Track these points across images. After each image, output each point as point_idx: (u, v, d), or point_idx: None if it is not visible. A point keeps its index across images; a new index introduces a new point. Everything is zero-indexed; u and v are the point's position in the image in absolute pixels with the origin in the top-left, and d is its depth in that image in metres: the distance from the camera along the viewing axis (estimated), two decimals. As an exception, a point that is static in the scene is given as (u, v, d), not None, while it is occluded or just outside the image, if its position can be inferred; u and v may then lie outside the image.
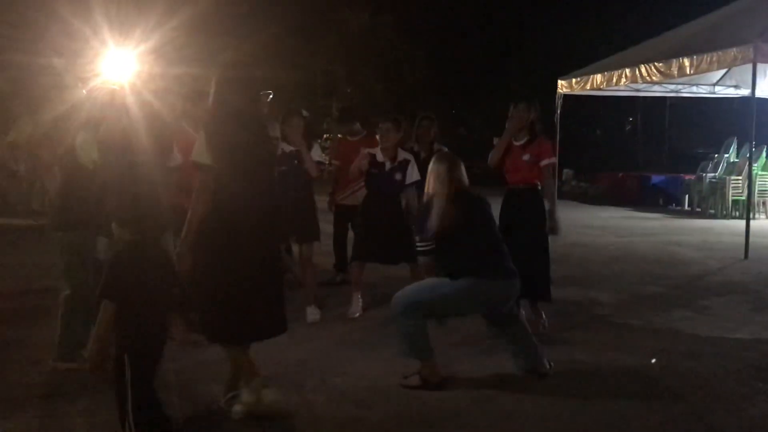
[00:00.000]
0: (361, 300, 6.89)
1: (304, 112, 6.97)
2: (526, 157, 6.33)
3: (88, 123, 5.31)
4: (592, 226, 14.84)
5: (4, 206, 13.62)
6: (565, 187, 22.47)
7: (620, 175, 21.97)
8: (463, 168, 5.06)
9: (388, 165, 6.74)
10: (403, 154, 6.82)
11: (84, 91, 5.86)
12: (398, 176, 6.72)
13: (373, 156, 6.76)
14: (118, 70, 13.10)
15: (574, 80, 16.20)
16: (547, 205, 6.44)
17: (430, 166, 5.11)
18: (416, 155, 7.07)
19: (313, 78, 30.07)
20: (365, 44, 30.02)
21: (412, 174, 6.71)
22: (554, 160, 6.43)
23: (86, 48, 14.80)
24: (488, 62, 30.15)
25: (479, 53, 30.23)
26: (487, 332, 5.55)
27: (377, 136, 6.90)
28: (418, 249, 5.01)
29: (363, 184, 7.05)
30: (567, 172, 24.07)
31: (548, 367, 5.13)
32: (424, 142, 7.40)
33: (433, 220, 4.88)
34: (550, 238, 6.51)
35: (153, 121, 5.46)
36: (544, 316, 6.41)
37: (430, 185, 5.05)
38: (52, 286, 6.73)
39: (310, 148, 6.70)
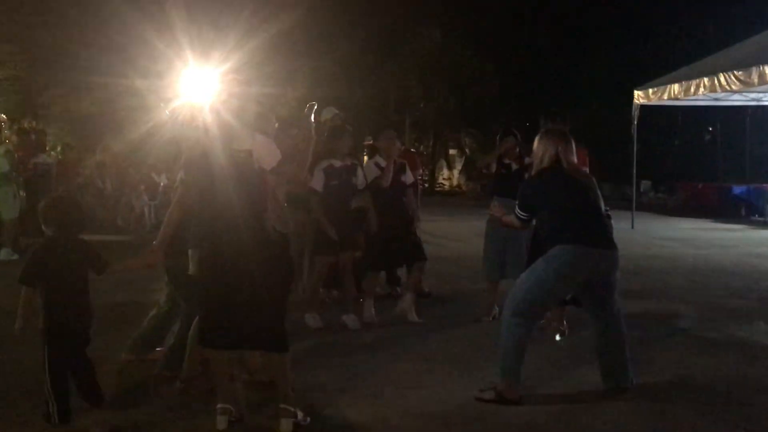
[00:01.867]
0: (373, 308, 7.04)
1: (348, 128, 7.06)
2: None
3: (171, 143, 5.45)
4: (672, 238, 14.50)
5: (91, 223, 14.11)
6: (643, 198, 22.06)
7: (700, 185, 21.42)
8: (572, 146, 5.01)
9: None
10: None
11: (166, 112, 5.99)
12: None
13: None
14: (199, 91, 13.40)
15: (650, 90, 15.93)
16: None
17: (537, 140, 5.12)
18: (507, 167, 7.07)
19: (386, 93, 30.26)
20: (437, 59, 30.10)
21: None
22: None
23: (168, 69, 15.20)
24: (561, 74, 29.80)
25: (552, 65, 29.93)
26: (561, 342, 5.44)
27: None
28: (519, 216, 5.06)
29: None
30: (645, 184, 23.61)
31: (631, 382, 4.99)
32: (513, 155, 7.29)
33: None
34: None
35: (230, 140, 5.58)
36: (565, 322, 6.41)
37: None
38: (130, 300, 6.95)
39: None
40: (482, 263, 7.13)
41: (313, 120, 4.69)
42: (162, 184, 13.66)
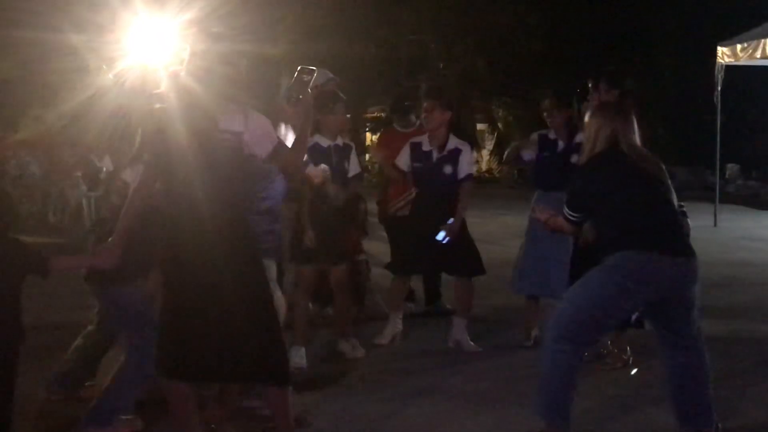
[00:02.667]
0: (400, 324, 7.20)
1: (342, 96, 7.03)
2: None
3: (116, 116, 5.47)
4: (765, 239, 14.50)
5: (14, 221, 14.03)
6: (729, 186, 22.05)
7: (804, 170, 21.40)
8: (633, 124, 5.01)
9: (435, 155, 7.04)
10: (454, 141, 7.08)
11: (110, 75, 6.02)
12: (448, 169, 7.01)
13: (418, 145, 7.00)
14: (152, 49, 13.41)
15: (738, 46, 15.86)
16: None
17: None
18: (551, 146, 7.11)
19: (395, 52, 30.25)
20: (462, 8, 29.97)
21: (463, 166, 6.98)
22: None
23: (112, 21, 15.21)
24: (626, 27, 29.73)
25: (614, 16, 29.85)
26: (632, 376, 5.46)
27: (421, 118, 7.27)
28: (568, 218, 5.02)
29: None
30: (731, 168, 23.60)
31: (715, 426, 4.98)
32: (559, 129, 7.27)
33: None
34: None
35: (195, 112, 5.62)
36: (629, 350, 6.45)
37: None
38: (61, 322, 6.98)
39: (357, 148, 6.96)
40: (512, 273, 7.23)
41: (311, 89, 4.69)
42: (105, 169, 13.65)
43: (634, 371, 6.35)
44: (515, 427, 5.04)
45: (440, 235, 6.83)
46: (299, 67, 4.64)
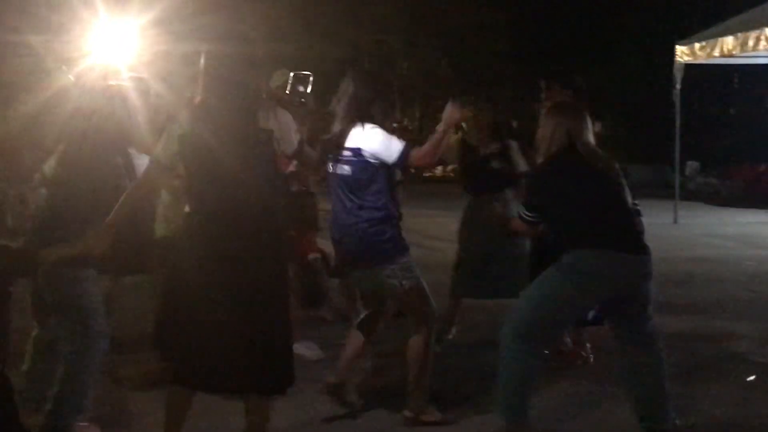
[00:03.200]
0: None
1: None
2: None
3: (76, 116, 5.42)
4: (725, 236, 14.64)
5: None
6: (690, 184, 22.20)
7: (762, 167, 21.60)
8: (587, 123, 5.04)
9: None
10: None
11: (70, 76, 5.97)
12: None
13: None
14: (113, 49, 13.31)
15: (697, 45, 16.00)
16: None
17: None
18: (473, 152, 7.24)
19: (358, 50, 30.23)
20: (426, 7, 30.00)
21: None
22: None
23: (73, 21, 15.07)
24: (587, 26, 29.90)
25: (575, 15, 30.02)
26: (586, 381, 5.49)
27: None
28: (524, 218, 5.04)
29: None
30: (691, 165, 23.75)
31: (673, 423, 5.02)
32: (480, 133, 7.40)
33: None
34: None
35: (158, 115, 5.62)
36: (588, 347, 6.53)
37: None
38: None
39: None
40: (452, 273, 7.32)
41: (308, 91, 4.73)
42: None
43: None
44: (477, 427, 5.04)
45: None
46: (292, 73, 4.69)
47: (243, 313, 4.11)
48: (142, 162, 5.01)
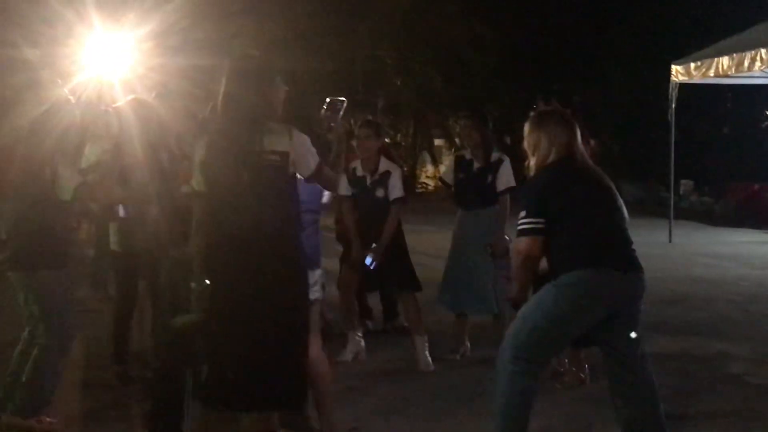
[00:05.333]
0: (361, 341, 7.36)
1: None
2: None
3: (69, 131, 5.42)
4: (720, 255, 14.61)
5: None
6: (683, 203, 22.19)
7: (756, 187, 21.60)
8: (574, 129, 5.00)
9: (368, 179, 7.17)
10: (385, 165, 7.17)
11: (65, 90, 5.97)
12: (380, 192, 7.12)
13: (354, 170, 7.17)
14: (108, 63, 13.32)
15: (692, 65, 16.03)
16: None
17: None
18: (466, 167, 7.43)
19: (352, 66, 30.23)
20: (419, 24, 30.06)
21: (393, 189, 7.07)
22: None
23: (68, 35, 15.07)
24: (580, 44, 29.94)
25: (567, 33, 30.06)
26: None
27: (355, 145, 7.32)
28: (522, 226, 4.86)
29: None
30: (686, 184, 23.76)
31: None
32: (475, 148, 7.50)
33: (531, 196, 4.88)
34: None
35: (152, 129, 5.65)
36: (586, 368, 6.54)
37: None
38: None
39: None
40: (439, 289, 7.46)
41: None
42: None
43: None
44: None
45: (367, 260, 6.93)
46: (328, 99, 4.75)
47: (264, 333, 4.21)
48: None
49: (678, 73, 16.35)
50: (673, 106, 16.54)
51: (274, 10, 24.38)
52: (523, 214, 4.84)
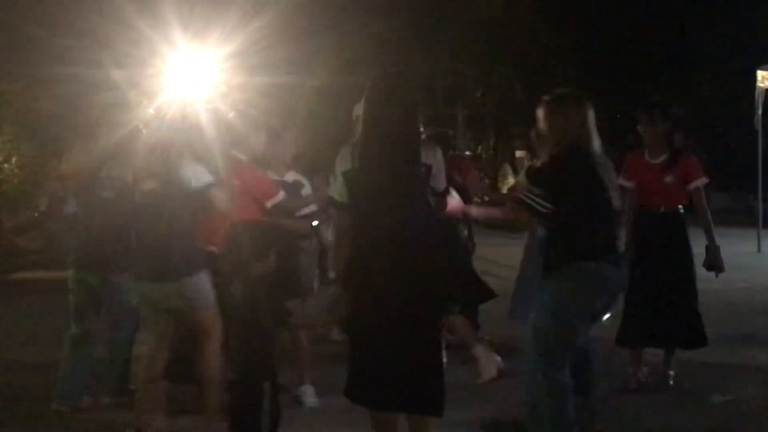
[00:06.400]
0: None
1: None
2: (668, 179, 6.61)
3: (155, 149, 5.53)
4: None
5: (58, 254, 14.07)
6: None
7: None
8: (587, 113, 5.00)
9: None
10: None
11: (150, 110, 6.09)
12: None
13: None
14: (192, 82, 13.52)
15: (779, 70, 15.76)
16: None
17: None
18: None
19: (433, 80, 30.28)
20: (499, 35, 29.97)
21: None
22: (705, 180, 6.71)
23: (154, 56, 15.36)
24: (662, 52, 29.56)
25: (650, 41, 29.69)
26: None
27: None
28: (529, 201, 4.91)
29: None
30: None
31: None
32: None
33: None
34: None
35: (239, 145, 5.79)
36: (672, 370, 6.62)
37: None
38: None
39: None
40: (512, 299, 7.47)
41: None
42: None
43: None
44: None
45: None
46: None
47: (404, 334, 4.31)
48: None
49: (764, 78, 16.09)
50: (759, 112, 16.26)
51: (352, 28, 24.54)
52: (537, 191, 4.89)
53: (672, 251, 6.54)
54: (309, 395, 6.39)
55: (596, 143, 4.95)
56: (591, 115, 4.97)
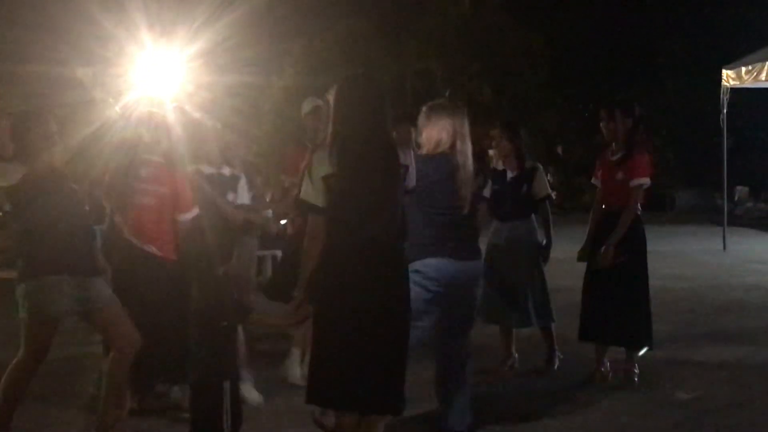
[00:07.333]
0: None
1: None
2: (619, 176, 6.63)
3: (122, 148, 5.52)
4: (777, 263, 14.42)
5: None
6: (738, 209, 21.94)
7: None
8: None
9: None
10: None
11: (117, 108, 6.07)
12: None
13: None
14: (158, 81, 13.47)
15: (743, 69, 15.87)
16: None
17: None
18: (500, 177, 7.18)
19: (400, 81, 30.31)
20: (467, 35, 30.04)
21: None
22: (646, 180, 6.66)
23: (120, 55, 15.29)
24: (632, 52, 29.74)
25: (620, 41, 29.86)
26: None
27: None
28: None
29: None
30: (741, 191, 23.53)
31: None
32: (507, 158, 7.40)
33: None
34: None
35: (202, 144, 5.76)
36: (637, 368, 6.64)
37: None
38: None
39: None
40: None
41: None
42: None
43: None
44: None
45: None
46: None
47: (375, 337, 4.31)
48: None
49: (729, 77, 16.20)
50: (725, 111, 16.37)
51: (320, 29, 24.51)
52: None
53: (622, 250, 6.51)
54: (249, 392, 6.16)
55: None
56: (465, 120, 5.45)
